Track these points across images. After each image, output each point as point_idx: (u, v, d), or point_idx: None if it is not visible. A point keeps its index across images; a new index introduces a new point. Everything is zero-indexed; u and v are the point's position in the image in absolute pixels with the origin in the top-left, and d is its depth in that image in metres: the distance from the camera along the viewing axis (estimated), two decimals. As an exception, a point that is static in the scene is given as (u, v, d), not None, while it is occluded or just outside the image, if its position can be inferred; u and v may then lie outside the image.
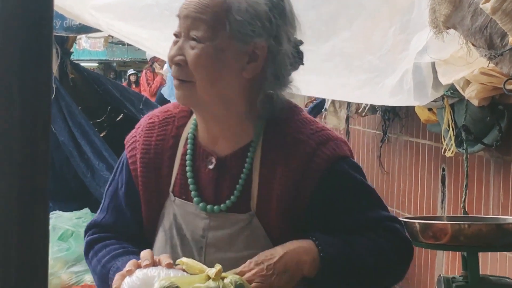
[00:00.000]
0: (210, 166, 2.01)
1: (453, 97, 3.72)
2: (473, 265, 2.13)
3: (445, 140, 3.98)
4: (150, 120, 2.11)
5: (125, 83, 16.82)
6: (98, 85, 6.16)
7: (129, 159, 2.09)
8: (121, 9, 3.70)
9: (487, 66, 2.87)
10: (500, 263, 3.74)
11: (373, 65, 3.21)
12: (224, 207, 1.98)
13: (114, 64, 28.12)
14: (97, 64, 26.26)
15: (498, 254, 3.72)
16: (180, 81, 1.95)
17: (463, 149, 3.81)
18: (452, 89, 3.53)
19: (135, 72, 18.15)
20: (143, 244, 2.07)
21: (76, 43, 8.66)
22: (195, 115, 2.05)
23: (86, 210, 5.30)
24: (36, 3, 0.86)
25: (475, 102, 3.40)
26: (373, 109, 5.12)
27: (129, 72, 18.84)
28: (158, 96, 11.99)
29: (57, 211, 5.22)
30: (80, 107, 5.82)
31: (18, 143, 0.81)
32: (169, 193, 2.04)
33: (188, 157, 2.03)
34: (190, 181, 2.01)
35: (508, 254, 3.68)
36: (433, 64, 3.25)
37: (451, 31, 2.35)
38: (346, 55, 3.26)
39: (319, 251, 1.89)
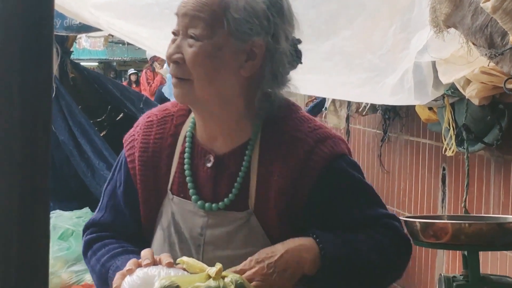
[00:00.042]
0: (208, 164, 2.01)
1: (453, 96, 3.72)
2: (473, 264, 2.12)
3: (445, 139, 3.98)
4: (149, 118, 2.11)
5: (126, 83, 16.83)
6: (98, 84, 6.16)
7: (127, 158, 2.09)
8: (121, 7, 3.70)
9: (488, 65, 2.87)
10: (501, 262, 3.73)
11: (374, 64, 3.21)
12: (222, 205, 1.98)
13: (114, 64, 28.14)
14: (97, 64, 26.29)
15: (498, 253, 3.71)
16: (178, 79, 1.96)
17: (464, 148, 3.81)
18: (453, 88, 3.53)
19: (135, 72, 18.17)
20: (142, 243, 2.07)
21: (76, 42, 8.66)
22: (193, 114, 2.06)
23: (87, 210, 5.30)
24: (36, 2, 0.86)
25: (475, 101, 3.40)
26: (373, 108, 5.11)
27: (129, 71, 18.85)
28: (157, 95, 12.00)
29: (57, 210, 5.22)
30: (80, 107, 5.82)
31: (19, 142, 0.81)
32: (167, 191, 2.04)
33: (186, 155, 2.03)
34: (188, 179, 2.01)
35: (508, 253, 3.68)
36: (433, 63, 3.25)
37: (452, 30, 2.35)
38: (347, 54, 3.26)
39: (320, 249, 1.89)
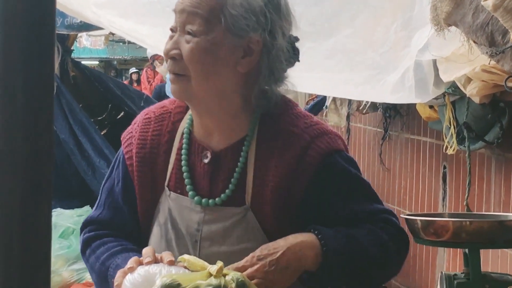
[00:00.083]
0: (205, 160, 2.01)
1: (454, 94, 3.72)
2: (474, 262, 2.12)
3: (446, 138, 3.98)
4: (146, 116, 2.12)
5: (127, 82, 16.86)
6: (99, 83, 6.16)
7: (125, 155, 2.10)
8: (122, 5, 3.70)
9: (489, 64, 2.87)
10: (502, 260, 3.74)
11: (375, 62, 3.21)
12: (219, 200, 1.99)
13: (115, 62, 28.16)
14: (97, 62, 26.30)
15: (499, 251, 3.72)
16: (175, 75, 1.96)
17: (464, 147, 3.81)
18: (454, 86, 3.52)
19: (137, 71, 18.18)
20: (140, 240, 2.08)
21: (77, 41, 8.66)
22: (190, 110, 2.06)
23: (87, 208, 5.30)
24: (38, 0, 0.86)
25: (476, 100, 3.40)
26: (374, 106, 5.11)
27: (131, 70, 18.86)
28: (155, 93, 12.01)
29: (58, 209, 5.22)
30: (81, 105, 5.82)
31: (21, 140, 0.81)
32: (165, 188, 2.04)
33: (183, 151, 2.03)
34: (185, 175, 2.02)
35: (509, 251, 3.68)
36: (434, 62, 3.24)
37: (453, 28, 2.35)
38: (348, 52, 3.26)
39: (322, 245, 1.89)
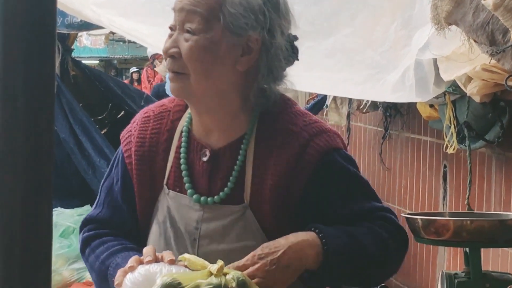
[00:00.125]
0: (204, 159, 2.02)
1: (454, 93, 3.71)
2: (475, 261, 2.12)
3: (446, 137, 3.98)
4: (145, 114, 2.12)
5: (128, 81, 16.87)
6: (99, 82, 6.16)
7: (124, 153, 2.10)
8: (122, 5, 3.70)
9: (489, 63, 2.87)
10: (502, 259, 3.74)
11: (375, 61, 3.21)
12: (217, 199, 1.99)
13: (115, 62, 28.17)
14: (98, 62, 26.31)
15: (500, 250, 3.72)
16: (175, 73, 1.97)
17: (465, 146, 3.81)
18: (454, 85, 3.52)
19: (137, 70, 18.19)
20: (140, 239, 2.08)
21: (77, 40, 8.66)
22: (189, 109, 2.07)
23: (88, 207, 5.30)
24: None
25: (476, 99, 3.40)
26: (374, 105, 5.11)
27: (131, 70, 18.87)
28: (153, 92, 12.01)
29: (58, 208, 5.22)
30: (81, 104, 5.82)
31: (22, 139, 0.81)
32: (163, 186, 2.05)
33: (182, 149, 2.04)
34: (184, 173, 2.02)
35: (510, 250, 3.68)
36: (434, 61, 3.24)
37: (453, 27, 2.34)
38: (348, 51, 3.26)
39: (323, 244, 1.89)
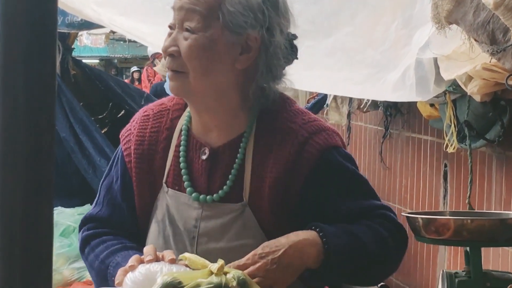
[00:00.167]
0: (203, 157, 2.02)
1: (455, 92, 3.71)
2: (475, 260, 2.12)
3: (447, 136, 3.98)
4: (145, 113, 2.13)
5: (128, 80, 16.87)
6: (100, 81, 6.16)
7: (124, 152, 2.11)
8: (123, 4, 3.70)
9: (490, 62, 2.86)
10: (503, 258, 3.74)
11: (375, 60, 3.21)
12: (216, 197, 1.99)
13: (115, 61, 28.17)
14: (98, 61, 26.31)
15: (500, 249, 3.72)
16: (174, 72, 1.97)
17: (465, 145, 3.81)
18: (454, 84, 3.52)
19: (138, 69, 18.19)
20: (139, 238, 2.08)
21: (77, 39, 8.65)
22: (189, 108, 2.07)
23: (88, 206, 5.29)
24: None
25: (477, 98, 3.39)
26: (375, 105, 5.11)
27: (132, 69, 18.87)
28: (151, 91, 12.01)
29: (59, 207, 5.22)
30: (81, 104, 5.81)
31: (23, 138, 0.81)
32: (162, 185, 2.05)
33: (182, 148, 2.04)
34: (183, 171, 2.03)
35: (510, 249, 3.68)
36: (435, 60, 3.24)
37: (454, 26, 2.34)
38: (348, 50, 3.26)
39: (324, 243, 1.89)
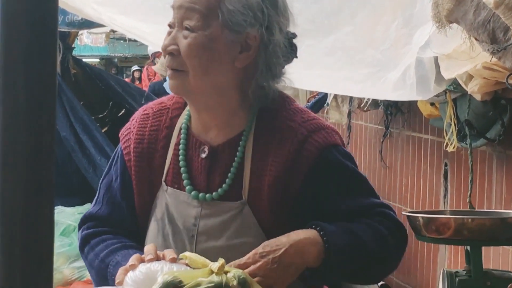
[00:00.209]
0: (202, 155, 2.02)
1: (455, 91, 3.71)
2: (476, 259, 2.12)
3: (447, 135, 3.97)
4: (145, 111, 2.14)
5: (129, 79, 16.88)
6: (100, 80, 6.16)
7: (123, 150, 2.12)
8: (123, 3, 3.70)
9: (490, 61, 2.86)
10: (503, 258, 3.73)
11: (376, 59, 3.21)
12: (216, 195, 1.99)
13: (116, 60, 28.18)
14: (98, 60, 26.31)
15: (500, 248, 3.71)
16: (173, 70, 1.98)
17: (466, 144, 3.81)
18: (455, 83, 3.52)
19: (139, 68, 18.18)
20: (139, 236, 2.08)
21: (77, 38, 8.65)
22: (188, 107, 2.07)
23: (88, 205, 5.25)
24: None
25: (477, 97, 3.39)
26: (375, 104, 5.11)
27: (133, 68, 18.86)
28: (149, 89, 12.00)
29: (59, 206, 5.22)
30: (82, 103, 5.82)
31: (24, 137, 0.81)
32: (162, 183, 2.05)
33: (181, 146, 2.05)
34: (182, 170, 2.03)
35: (511, 248, 3.68)
36: (435, 59, 3.24)
37: (454, 25, 2.34)
38: (348, 49, 3.26)
39: (324, 241, 1.89)
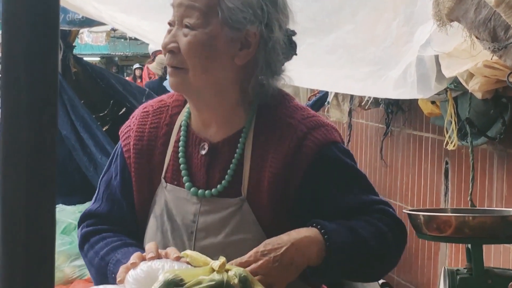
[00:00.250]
0: (202, 152, 2.03)
1: (456, 90, 3.71)
2: (477, 257, 2.12)
3: (447, 133, 3.97)
4: (145, 109, 2.14)
5: (131, 78, 16.87)
6: (101, 79, 6.16)
7: (123, 148, 2.12)
8: (124, 1, 3.70)
9: (491, 59, 2.86)
10: (504, 255, 3.73)
11: (377, 57, 3.21)
12: (215, 191, 2.00)
13: (116, 59, 28.18)
14: (99, 59, 26.31)
15: (501, 246, 3.71)
16: (174, 68, 1.98)
17: (466, 142, 3.81)
18: (456, 82, 3.52)
19: (140, 67, 18.15)
20: (138, 234, 2.09)
21: (78, 37, 8.65)
22: (188, 104, 2.07)
23: (89, 204, 5.28)
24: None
25: (478, 95, 3.39)
26: (376, 102, 5.11)
27: (134, 66, 18.85)
28: (145, 87, 12.00)
29: (60, 205, 5.21)
30: (82, 101, 5.81)
31: (25, 135, 0.81)
32: (161, 180, 2.05)
33: (181, 143, 2.05)
34: (182, 166, 2.03)
35: (511, 246, 3.68)
36: (436, 57, 3.24)
37: (455, 23, 2.34)
38: (349, 47, 3.26)
39: (325, 240, 1.89)
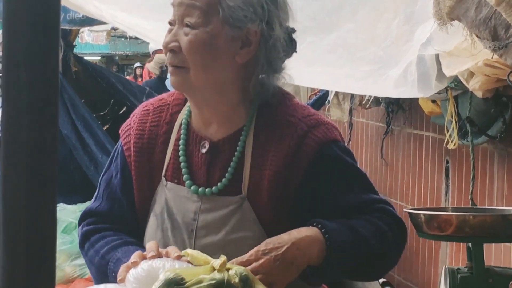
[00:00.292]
0: (203, 150, 2.03)
1: (457, 89, 3.71)
2: (478, 256, 2.12)
3: (448, 132, 3.97)
4: (145, 108, 2.15)
5: (131, 77, 16.87)
6: (101, 78, 6.16)
7: (123, 146, 2.13)
8: (124, 0, 3.70)
9: (491, 58, 2.86)
10: (505, 254, 3.73)
11: (377, 56, 3.21)
12: (215, 189, 2.00)
13: (117, 58, 28.19)
14: (99, 58, 26.31)
15: (502, 245, 3.71)
16: (175, 67, 1.99)
17: (467, 141, 3.81)
18: (456, 81, 3.52)
19: (141, 66, 18.15)
20: (139, 232, 2.09)
21: (79, 36, 8.65)
22: (189, 102, 2.08)
23: (90, 203, 5.28)
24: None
25: (479, 94, 3.39)
26: (376, 101, 5.11)
27: (135, 65, 18.85)
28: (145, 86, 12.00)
29: (60, 204, 5.21)
30: (83, 100, 5.81)
31: (26, 134, 0.81)
32: (161, 178, 2.06)
33: (181, 141, 2.05)
34: (182, 164, 2.04)
35: (512, 245, 3.68)
36: (437, 56, 3.24)
37: (455, 22, 2.34)
38: (350, 46, 3.26)
39: (326, 239, 1.89)
